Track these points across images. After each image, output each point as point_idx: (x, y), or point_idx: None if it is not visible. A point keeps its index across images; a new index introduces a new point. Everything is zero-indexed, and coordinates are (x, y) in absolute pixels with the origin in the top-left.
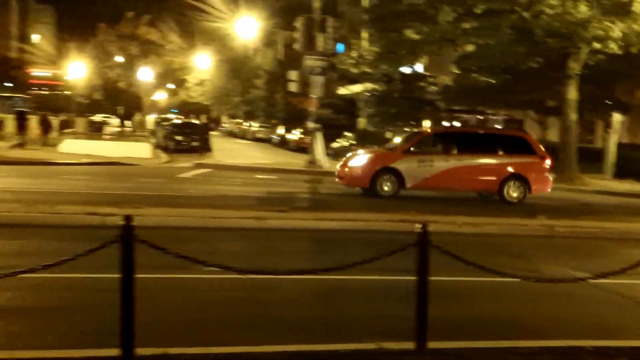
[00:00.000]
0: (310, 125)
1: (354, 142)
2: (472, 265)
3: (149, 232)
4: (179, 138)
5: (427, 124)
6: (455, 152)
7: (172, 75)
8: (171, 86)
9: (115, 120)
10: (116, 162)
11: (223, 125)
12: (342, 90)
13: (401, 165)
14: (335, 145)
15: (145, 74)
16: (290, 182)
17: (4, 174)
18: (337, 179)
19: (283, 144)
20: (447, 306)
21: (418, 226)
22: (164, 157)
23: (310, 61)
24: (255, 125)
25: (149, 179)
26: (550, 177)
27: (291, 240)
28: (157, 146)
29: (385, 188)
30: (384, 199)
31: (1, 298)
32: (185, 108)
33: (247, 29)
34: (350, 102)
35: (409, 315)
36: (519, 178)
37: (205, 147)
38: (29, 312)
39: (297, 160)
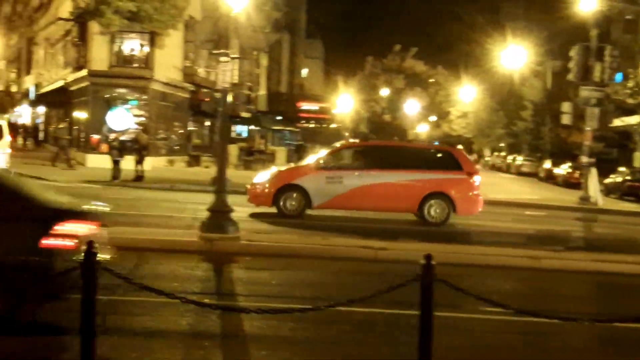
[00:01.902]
0: (584, 159)
1: (629, 178)
2: None
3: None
4: None
5: None
6: (371, 168)
7: (436, 108)
8: (433, 118)
9: None
10: None
11: (486, 158)
12: (616, 122)
13: (307, 183)
14: (608, 181)
15: (411, 106)
16: (562, 219)
17: None
18: (247, 200)
19: (549, 178)
20: None
21: None
22: None
23: (586, 92)
24: (519, 159)
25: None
26: (481, 196)
27: (568, 283)
28: None
29: (289, 207)
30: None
31: (284, 328)
32: (447, 140)
33: (513, 59)
34: (624, 135)
35: None
36: (441, 196)
37: None
38: (311, 343)
39: (567, 197)
